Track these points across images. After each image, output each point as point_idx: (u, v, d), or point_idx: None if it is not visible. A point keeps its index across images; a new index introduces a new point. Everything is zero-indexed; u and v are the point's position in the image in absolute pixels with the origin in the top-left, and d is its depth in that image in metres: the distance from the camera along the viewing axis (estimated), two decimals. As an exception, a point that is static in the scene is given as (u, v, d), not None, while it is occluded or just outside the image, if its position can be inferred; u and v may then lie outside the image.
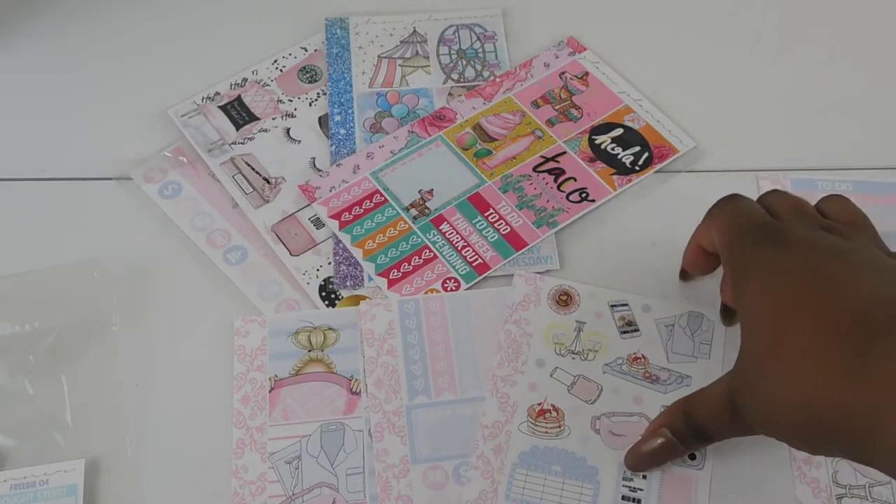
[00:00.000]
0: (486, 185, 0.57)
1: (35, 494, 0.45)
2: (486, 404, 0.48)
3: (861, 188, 0.57)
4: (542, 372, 0.49)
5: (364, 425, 0.48)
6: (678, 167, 0.58)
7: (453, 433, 0.47)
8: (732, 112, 0.61)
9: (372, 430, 0.48)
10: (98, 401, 0.49)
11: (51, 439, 0.48)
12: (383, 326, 0.51)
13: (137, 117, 0.60)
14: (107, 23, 0.65)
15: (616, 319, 0.50)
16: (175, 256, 0.55)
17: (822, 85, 0.62)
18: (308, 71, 0.63)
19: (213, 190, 0.57)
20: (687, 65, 0.63)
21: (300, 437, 0.48)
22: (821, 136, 0.60)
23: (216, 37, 0.65)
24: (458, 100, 0.61)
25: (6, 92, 0.62)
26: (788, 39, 0.64)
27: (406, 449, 0.47)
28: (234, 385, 0.49)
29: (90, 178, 0.58)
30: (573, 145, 0.58)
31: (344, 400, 0.49)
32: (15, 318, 0.51)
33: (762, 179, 0.57)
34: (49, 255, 0.54)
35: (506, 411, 0.48)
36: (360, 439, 0.48)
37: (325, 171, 0.58)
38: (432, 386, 0.49)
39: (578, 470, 0.46)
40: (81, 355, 0.50)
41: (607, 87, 0.61)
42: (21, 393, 0.49)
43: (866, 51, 0.63)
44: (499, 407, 0.48)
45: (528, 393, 0.48)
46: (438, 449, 0.47)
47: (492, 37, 0.64)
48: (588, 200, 0.56)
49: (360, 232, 0.55)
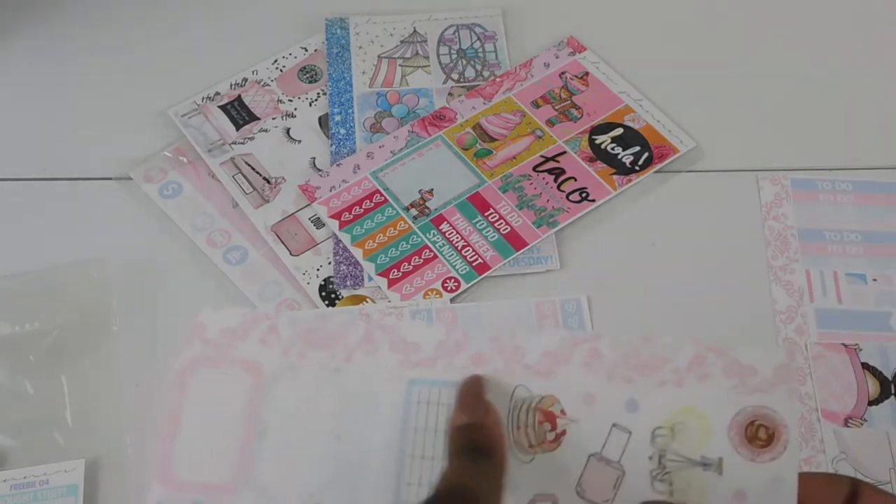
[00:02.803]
0: (486, 185, 0.57)
1: (35, 494, 0.45)
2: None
3: (861, 188, 0.57)
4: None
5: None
6: (678, 167, 0.58)
7: None
8: (732, 112, 0.61)
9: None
10: (98, 401, 0.49)
11: (51, 439, 0.48)
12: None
13: (137, 117, 0.60)
14: (107, 23, 0.65)
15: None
16: (175, 256, 0.55)
17: (822, 85, 0.62)
18: (308, 71, 0.63)
19: (214, 190, 0.57)
20: (687, 65, 0.63)
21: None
22: (821, 136, 0.60)
23: (216, 37, 0.65)
24: (458, 100, 0.61)
25: (6, 92, 0.62)
26: (789, 40, 0.64)
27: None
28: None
29: (90, 178, 0.58)
30: (573, 145, 0.58)
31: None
32: (15, 318, 0.51)
33: (762, 179, 0.57)
34: (49, 255, 0.54)
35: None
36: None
37: (325, 170, 0.58)
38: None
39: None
40: (81, 355, 0.50)
41: (607, 87, 0.61)
42: (21, 393, 0.49)
43: (866, 51, 0.63)
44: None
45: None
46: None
47: (492, 37, 0.64)
48: (588, 200, 0.56)
49: (360, 232, 0.55)
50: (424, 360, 0.34)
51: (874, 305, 0.53)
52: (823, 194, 0.57)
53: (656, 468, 0.33)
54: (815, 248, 0.55)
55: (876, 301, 0.53)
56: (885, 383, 0.51)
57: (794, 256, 0.55)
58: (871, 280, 0.54)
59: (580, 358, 0.33)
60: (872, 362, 0.51)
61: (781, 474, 0.31)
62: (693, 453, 0.32)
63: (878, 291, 0.54)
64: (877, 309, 0.53)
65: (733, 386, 0.32)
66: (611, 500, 0.32)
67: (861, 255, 0.55)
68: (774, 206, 0.56)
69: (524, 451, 0.33)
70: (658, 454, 0.33)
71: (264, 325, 0.34)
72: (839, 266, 0.54)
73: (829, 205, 0.56)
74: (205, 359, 0.34)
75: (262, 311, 0.34)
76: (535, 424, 0.33)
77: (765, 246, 0.55)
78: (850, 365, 0.51)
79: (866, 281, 0.54)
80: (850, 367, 0.51)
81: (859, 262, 0.55)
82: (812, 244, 0.55)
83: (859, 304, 0.53)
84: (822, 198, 0.57)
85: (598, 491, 0.33)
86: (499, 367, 0.33)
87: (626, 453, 0.33)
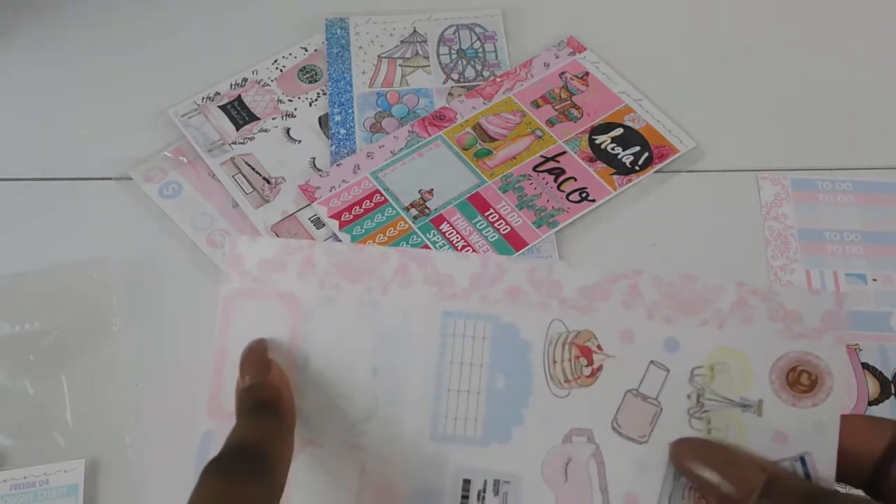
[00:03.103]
0: (486, 185, 0.57)
1: (35, 494, 0.45)
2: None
3: (861, 188, 0.57)
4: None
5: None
6: (678, 167, 0.58)
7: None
8: (732, 112, 0.61)
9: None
10: (98, 401, 0.49)
11: (51, 439, 0.48)
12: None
13: (137, 117, 0.60)
14: (107, 23, 0.65)
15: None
16: (175, 256, 0.55)
17: (821, 85, 0.62)
18: (308, 71, 0.63)
19: (213, 190, 0.57)
20: (687, 64, 0.63)
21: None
22: (821, 136, 0.60)
23: (216, 37, 0.65)
24: (458, 100, 0.61)
25: (6, 92, 0.62)
26: (789, 40, 0.64)
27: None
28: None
29: (90, 178, 0.58)
30: (573, 145, 0.58)
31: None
32: (15, 318, 0.51)
33: (762, 179, 0.57)
34: (49, 255, 0.54)
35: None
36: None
37: (325, 171, 0.58)
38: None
39: None
40: (81, 355, 0.50)
41: (607, 87, 0.61)
42: (21, 393, 0.49)
43: (866, 51, 0.63)
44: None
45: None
46: None
47: (492, 37, 0.64)
48: (588, 200, 0.56)
49: (360, 232, 0.55)
50: (459, 292, 0.33)
51: (874, 305, 0.53)
52: (823, 194, 0.57)
53: (694, 406, 0.32)
54: (815, 248, 0.55)
55: (876, 301, 0.53)
56: (885, 383, 0.51)
57: (794, 256, 0.55)
58: (871, 280, 0.54)
59: (619, 294, 0.33)
60: (872, 362, 0.51)
61: (823, 420, 0.31)
62: (732, 394, 0.32)
63: (878, 291, 0.54)
64: (877, 309, 0.53)
65: (778, 331, 0.32)
66: (647, 435, 0.32)
67: (861, 255, 0.55)
68: (774, 206, 0.56)
69: (560, 385, 0.33)
70: (696, 393, 0.32)
71: (300, 256, 0.33)
72: (839, 266, 0.54)
73: (829, 205, 0.56)
74: (245, 291, 0.34)
75: (296, 243, 0.34)
76: (571, 359, 0.33)
77: (765, 246, 0.55)
78: (850, 365, 0.51)
79: (866, 281, 0.54)
80: (849, 367, 0.51)
81: (859, 262, 0.55)
82: (812, 244, 0.55)
83: (859, 304, 0.53)
84: (822, 198, 0.57)
85: (635, 426, 0.32)
86: (534, 300, 0.33)
87: (663, 390, 0.32)
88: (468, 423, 0.33)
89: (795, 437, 0.31)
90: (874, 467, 0.30)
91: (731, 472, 0.30)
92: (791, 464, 0.31)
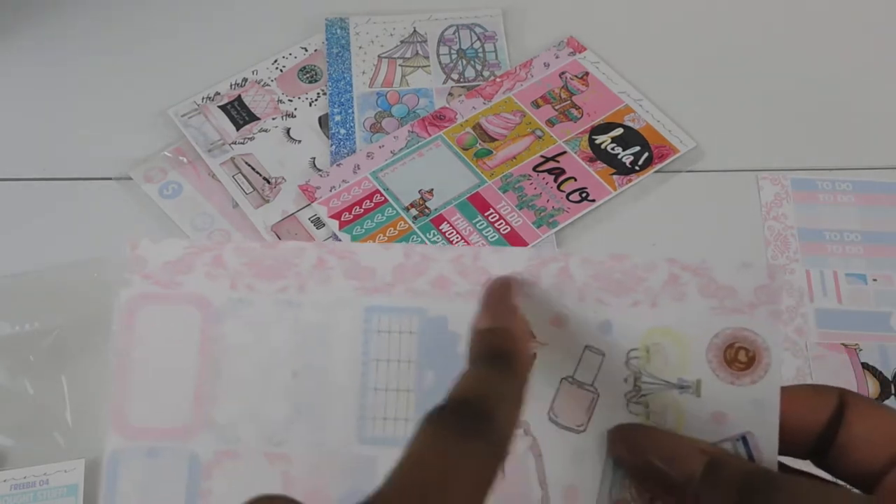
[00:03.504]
0: (486, 185, 0.57)
1: (35, 494, 0.45)
2: None
3: (861, 188, 0.57)
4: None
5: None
6: (678, 167, 0.58)
7: None
8: (732, 112, 0.61)
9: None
10: (98, 401, 0.49)
11: (51, 439, 0.48)
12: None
13: (137, 117, 0.60)
14: (107, 23, 0.65)
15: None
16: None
17: (821, 85, 0.62)
18: (308, 71, 0.63)
19: (213, 190, 0.57)
20: (687, 64, 0.63)
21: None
22: (821, 136, 0.60)
23: (216, 37, 0.65)
24: (458, 100, 0.61)
25: (6, 92, 0.62)
26: (789, 40, 0.64)
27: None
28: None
29: (90, 178, 0.58)
30: (573, 145, 0.58)
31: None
32: (15, 318, 0.51)
33: (762, 179, 0.57)
34: (49, 255, 0.54)
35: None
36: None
37: (325, 170, 0.58)
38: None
39: None
40: (81, 355, 0.50)
41: (607, 87, 0.61)
42: (21, 393, 0.49)
43: (866, 51, 0.63)
44: None
45: None
46: None
47: (492, 37, 0.64)
48: (588, 200, 0.56)
49: (360, 232, 0.55)
50: (382, 285, 0.31)
51: (874, 305, 0.53)
52: (823, 194, 0.57)
53: (631, 390, 0.31)
54: (815, 248, 0.55)
55: (876, 301, 0.53)
56: (885, 383, 0.51)
57: (794, 256, 0.55)
58: (871, 280, 0.54)
59: (549, 278, 0.31)
60: (872, 362, 0.51)
61: (763, 396, 0.30)
62: (670, 376, 0.31)
63: (877, 291, 0.54)
64: (877, 309, 0.53)
65: (710, 307, 0.31)
66: (584, 424, 0.31)
67: (861, 255, 0.55)
68: (774, 206, 0.56)
69: None
70: (633, 376, 0.31)
71: (209, 256, 0.32)
72: (839, 266, 0.54)
73: (829, 205, 0.56)
74: (149, 296, 0.32)
75: (202, 241, 0.32)
76: None
77: (765, 246, 0.55)
78: (850, 365, 0.51)
79: (866, 281, 0.54)
80: (849, 367, 0.51)
81: (859, 262, 0.55)
82: (812, 244, 0.55)
83: (859, 304, 0.53)
84: (822, 198, 0.57)
85: (572, 415, 0.31)
86: (462, 290, 0.31)
87: (599, 376, 0.31)
88: (398, 424, 0.31)
89: (736, 417, 0.30)
90: (818, 437, 0.30)
91: (670, 458, 0.29)
92: (733, 444, 0.30)
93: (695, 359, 0.31)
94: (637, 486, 0.31)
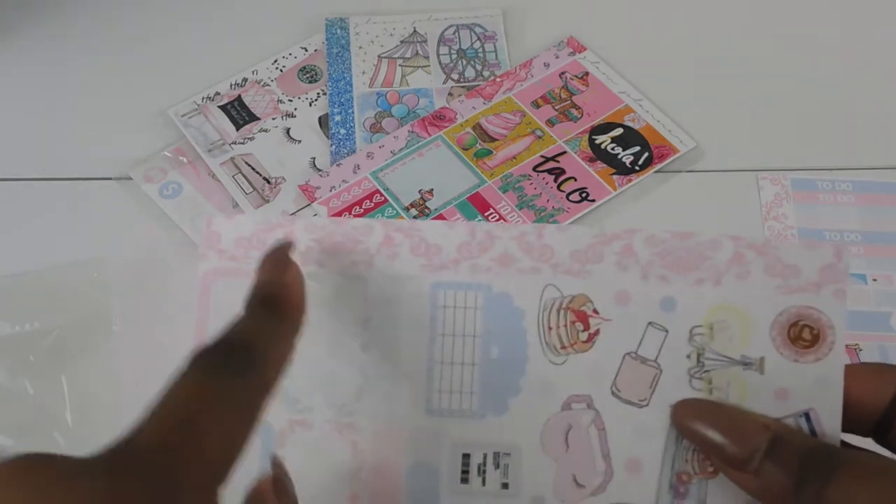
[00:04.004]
0: (486, 185, 0.57)
1: (35, 494, 0.45)
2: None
3: (861, 188, 0.57)
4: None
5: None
6: (678, 167, 0.58)
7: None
8: (732, 112, 0.61)
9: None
10: (98, 401, 0.49)
11: (51, 439, 0.48)
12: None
13: (137, 117, 0.60)
14: (107, 23, 0.65)
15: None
16: (175, 256, 0.55)
17: (821, 85, 0.62)
18: (308, 71, 0.63)
19: (214, 190, 0.57)
20: (687, 64, 0.63)
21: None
22: (821, 136, 0.60)
23: (216, 37, 0.65)
24: (458, 100, 0.61)
25: (6, 92, 0.62)
26: (789, 40, 0.64)
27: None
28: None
29: (90, 178, 0.58)
30: (573, 145, 0.58)
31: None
32: (15, 318, 0.51)
33: (762, 179, 0.57)
34: (49, 255, 0.54)
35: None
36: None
37: (325, 171, 0.58)
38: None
39: None
40: (81, 355, 0.50)
41: (607, 87, 0.61)
42: (21, 393, 0.49)
43: (866, 51, 0.63)
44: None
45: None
46: None
47: (492, 37, 0.64)
48: (588, 200, 0.56)
49: (360, 232, 0.55)
50: (448, 262, 0.32)
51: (874, 305, 0.53)
52: (823, 194, 0.57)
53: (694, 366, 0.32)
54: (815, 248, 0.55)
55: (876, 301, 0.53)
56: (885, 383, 0.51)
57: (794, 256, 0.55)
58: (871, 280, 0.54)
59: (612, 256, 0.32)
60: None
61: (826, 374, 0.31)
62: (733, 353, 0.31)
63: (877, 291, 0.54)
64: (877, 309, 0.53)
65: (776, 286, 0.31)
66: (647, 398, 0.32)
67: (861, 255, 0.55)
68: (774, 206, 0.56)
69: (556, 352, 0.32)
70: (696, 353, 0.32)
71: (280, 231, 0.32)
72: (839, 266, 0.54)
73: (829, 205, 0.56)
74: (223, 270, 0.33)
75: (275, 219, 0.33)
76: (567, 324, 0.32)
77: (765, 246, 0.55)
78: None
79: (866, 281, 0.54)
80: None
81: (859, 262, 0.55)
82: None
83: (859, 304, 0.53)
84: (822, 198, 0.57)
85: (635, 390, 0.32)
86: (526, 266, 0.32)
87: (662, 352, 0.32)
88: (463, 397, 0.32)
89: (798, 394, 0.31)
90: (881, 416, 0.30)
91: (734, 432, 0.29)
92: (795, 420, 0.31)
93: (758, 336, 0.31)
94: (700, 459, 0.31)
